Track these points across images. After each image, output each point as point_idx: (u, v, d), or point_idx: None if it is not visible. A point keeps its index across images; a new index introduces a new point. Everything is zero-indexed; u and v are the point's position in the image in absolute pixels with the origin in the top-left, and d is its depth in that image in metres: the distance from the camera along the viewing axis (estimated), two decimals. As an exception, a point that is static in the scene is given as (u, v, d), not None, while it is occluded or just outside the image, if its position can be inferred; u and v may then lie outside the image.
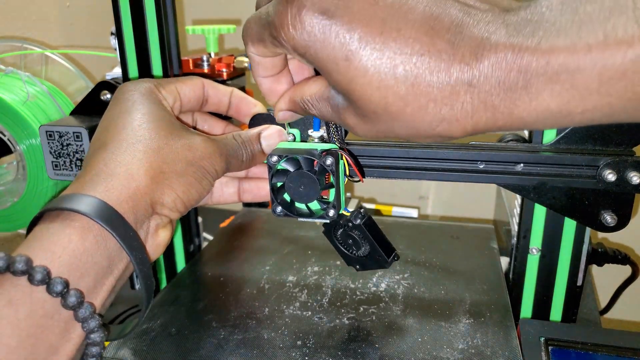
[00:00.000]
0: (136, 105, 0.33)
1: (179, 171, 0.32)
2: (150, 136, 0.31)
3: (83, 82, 0.56)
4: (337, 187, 0.34)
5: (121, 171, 0.30)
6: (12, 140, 0.49)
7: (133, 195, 0.29)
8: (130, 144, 0.31)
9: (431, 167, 0.40)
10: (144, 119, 0.32)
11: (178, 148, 0.32)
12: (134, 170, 0.30)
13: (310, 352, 0.36)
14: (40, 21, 0.60)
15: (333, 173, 0.34)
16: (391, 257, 0.38)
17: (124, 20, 0.45)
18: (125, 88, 0.34)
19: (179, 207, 0.32)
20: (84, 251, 0.27)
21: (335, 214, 0.35)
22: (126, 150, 0.31)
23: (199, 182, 0.33)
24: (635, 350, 0.37)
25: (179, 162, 0.32)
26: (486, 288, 0.44)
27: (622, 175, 0.37)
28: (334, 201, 0.35)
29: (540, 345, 0.38)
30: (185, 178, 0.32)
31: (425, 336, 0.38)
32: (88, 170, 0.30)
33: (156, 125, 0.32)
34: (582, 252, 0.41)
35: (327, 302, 0.43)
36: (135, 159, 0.30)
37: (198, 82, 0.38)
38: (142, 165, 0.30)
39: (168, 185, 0.31)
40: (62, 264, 0.26)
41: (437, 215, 0.81)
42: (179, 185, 0.32)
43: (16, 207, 0.51)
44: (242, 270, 0.48)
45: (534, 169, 0.38)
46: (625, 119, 0.22)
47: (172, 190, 0.31)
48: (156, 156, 0.31)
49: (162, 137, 0.32)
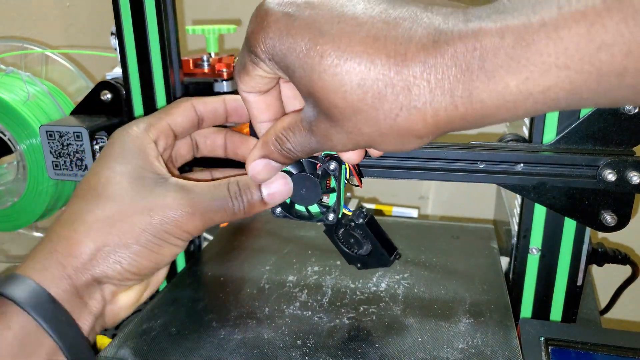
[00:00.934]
0: (109, 161, 0.32)
1: (127, 242, 0.30)
2: (107, 202, 0.31)
3: (83, 82, 0.57)
4: (338, 191, 0.35)
5: (62, 248, 0.30)
6: (13, 140, 0.49)
7: (71, 274, 0.30)
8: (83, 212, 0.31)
9: (431, 167, 0.40)
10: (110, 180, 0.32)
11: (134, 213, 0.31)
12: (75, 246, 0.30)
13: (310, 351, 0.36)
14: (40, 21, 0.60)
15: (336, 178, 0.34)
16: (393, 256, 0.38)
17: (124, 20, 0.45)
18: (114, 136, 0.34)
19: (127, 277, 0.31)
20: (11, 336, 0.28)
21: (335, 218, 0.35)
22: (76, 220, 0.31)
23: (156, 250, 0.31)
24: (636, 350, 0.37)
25: (129, 232, 0.30)
26: (486, 288, 0.44)
27: (622, 175, 0.37)
28: (334, 205, 0.35)
29: (540, 345, 0.38)
30: (134, 248, 0.31)
31: (426, 336, 0.38)
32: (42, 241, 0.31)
33: (120, 188, 0.31)
34: (582, 252, 0.41)
35: (327, 301, 0.43)
36: (80, 233, 0.30)
37: (187, 106, 0.36)
38: (84, 241, 0.30)
39: (112, 259, 0.30)
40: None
41: (437, 215, 0.81)
42: (125, 258, 0.31)
43: (16, 206, 0.51)
44: (242, 270, 0.48)
45: (534, 169, 0.38)
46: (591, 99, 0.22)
47: (117, 264, 0.30)
48: (102, 229, 0.30)
49: (119, 202, 0.31)
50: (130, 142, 0.33)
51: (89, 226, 0.31)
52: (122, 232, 0.30)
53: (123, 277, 0.31)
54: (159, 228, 0.31)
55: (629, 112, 0.37)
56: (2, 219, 0.52)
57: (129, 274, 0.31)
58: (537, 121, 0.39)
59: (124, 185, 0.31)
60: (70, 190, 0.53)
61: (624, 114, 0.37)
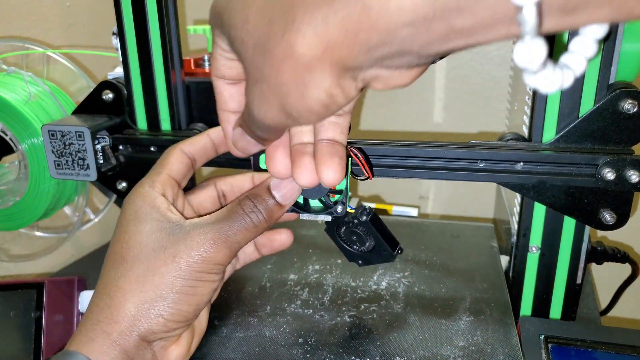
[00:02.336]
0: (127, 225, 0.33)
1: (162, 294, 0.31)
2: (134, 264, 0.32)
3: (85, 82, 0.57)
4: (346, 183, 0.35)
5: (104, 317, 0.31)
6: (14, 139, 0.49)
7: (118, 340, 0.30)
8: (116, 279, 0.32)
9: (431, 166, 0.40)
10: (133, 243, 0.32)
11: (161, 265, 0.31)
12: (115, 312, 0.31)
13: (311, 349, 0.37)
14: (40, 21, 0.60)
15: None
16: (396, 250, 0.38)
17: (126, 20, 0.46)
18: (125, 202, 0.35)
19: (173, 326, 0.32)
20: None
21: (344, 210, 0.35)
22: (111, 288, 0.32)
23: (192, 292, 0.32)
24: (635, 347, 0.37)
25: (161, 283, 0.31)
26: (486, 286, 0.45)
27: (621, 173, 0.37)
28: (342, 197, 0.35)
29: (540, 342, 0.38)
30: (171, 297, 0.31)
31: (426, 334, 0.38)
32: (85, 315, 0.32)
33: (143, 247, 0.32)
34: (581, 251, 0.41)
35: (328, 300, 0.43)
36: (117, 298, 0.31)
37: (177, 152, 0.36)
38: (123, 304, 0.31)
39: (153, 313, 0.31)
40: None
41: (437, 214, 0.81)
42: (165, 309, 0.31)
43: (18, 206, 0.51)
44: (243, 269, 0.48)
45: (534, 168, 0.39)
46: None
47: (159, 317, 0.31)
48: (137, 288, 0.31)
49: (146, 260, 0.32)
50: (141, 203, 0.34)
51: (124, 290, 0.31)
52: (155, 286, 0.31)
53: (169, 328, 0.32)
54: (188, 270, 0.31)
55: (628, 111, 0.37)
56: (3, 218, 0.53)
57: (174, 323, 0.32)
58: (537, 120, 0.40)
59: (146, 243, 0.32)
60: (71, 189, 0.53)
61: (623, 113, 0.37)
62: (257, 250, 0.41)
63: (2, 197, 0.52)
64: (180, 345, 0.33)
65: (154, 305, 0.31)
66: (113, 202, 0.58)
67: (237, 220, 0.33)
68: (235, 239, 0.32)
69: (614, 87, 0.37)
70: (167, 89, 0.47)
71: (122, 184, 0.49)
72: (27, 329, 0.43)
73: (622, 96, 0.37)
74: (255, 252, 0.41)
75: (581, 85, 0.38)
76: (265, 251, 0.40)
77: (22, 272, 0.60)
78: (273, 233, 0.40)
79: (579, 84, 0.38)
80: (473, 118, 0.75)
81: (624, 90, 0.37)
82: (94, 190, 0.61)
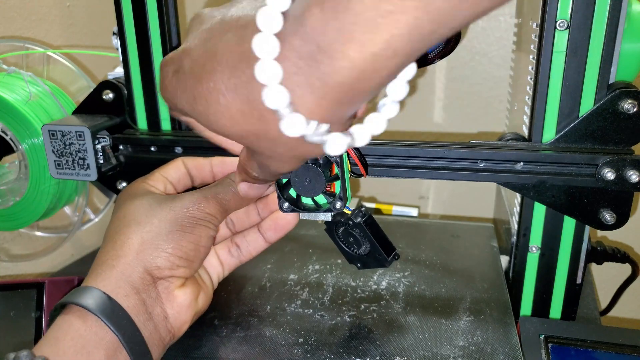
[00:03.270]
0: (125, 204, 0.37)
1: (163, 232, 0.34)
2: (136, 219, 0.35)
3: (85, 82, 0.57)
4: (342, 178, 0.35)
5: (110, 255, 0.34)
6: (15, 139, 0.49)
7: (124, 271, 0.33)
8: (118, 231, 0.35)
9: (431, 166, 0.40)
10: (132, 210, 0.36)
11: (161, 214, 0.35)
12: (120, 248, 0.34)
13: (311, 349, 0.37)
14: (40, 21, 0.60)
15: (338, 164, 0.34)
16: (391, 256, 0.38)
17: (126, 19, 0.46)
18: (119, 196, 0.39)
19: (177, 262, 0.34)
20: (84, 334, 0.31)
21: (343, 206, 0.35)
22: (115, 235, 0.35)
23: (189, 230, 0.35)
24: (635, 347, 0.37)
25: (161, 225, 0.34)
26: (486, 286, 0.45)
27: (620, 173, 0.37)
28: (340, 193, 0.35)
29: (540, 342, 0.38)
30: (171, 234, 0.34)
31: (426, 333, 0.38)
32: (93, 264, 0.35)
33: (142, 210, 0.36)
34: (581, 250, 0.41)
35: (328, 300, 0.43)
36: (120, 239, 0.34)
37: (178, 162, 0.40)
38: (127, 244, 0.34)
39: (154, 248, 0.34)
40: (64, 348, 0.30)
41: (437, 214, 0.81)
42: (167, 243, 0.34)
43: (18, 206, 0.51)
44: (243, 269, 0.48)
45: (534, 168, 0.39)
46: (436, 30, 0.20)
47: (161, 251, 0.34)
48: (139, 232, 0.34)
49: (145, 215, 0.35)
50: (133, 190, 0.38)
51: (126, 233, 0.35)
52: (155, 226, 0.34)
53: (172, 264, 0.34)
54: (184, 214, 0.35)
55: (628, 111, 0.37)
56: (3, 218, 0.53)
57: (176, 259, 0.34)
58: (537, 120, 0.40)
59: (142, 204, 0.36)
60: (71, 189, 0.53)
61: (623, 113, 0.37)
62: (261, 237, 0.40)
63: (2, 197, 0.52)
64: (184, 291, 0.35)
65: (155, 240, 0.34)
66: (113, 202, 0.58)
67: (225, 186, 0.36)
68: (225, 197, 0.36)
69: (614, 87, 0.37)
70: (167, 89, 0.47)
71: (122, 184, 0.49)
72: (27, 329, 0.43)
73: (622, 96, 0.37)
74: (260, 238, 0.40)
75: (581, 85, 0.38)
76: (271, 235, 0.40)
77: (22, 272, 0.60)
78: (277, 213, 0.40)
79: (579, 83, 0.38)
80: (473, 118, 0.75)
81: (624, 90, 0.37)
82: (94, 190, 0.61)
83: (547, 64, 0.38)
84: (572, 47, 0.37)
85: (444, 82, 0.74)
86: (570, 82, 0.38)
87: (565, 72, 0.38)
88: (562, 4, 0.37)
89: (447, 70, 0.74)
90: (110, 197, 0.57)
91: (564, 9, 0.37)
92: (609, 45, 0.37)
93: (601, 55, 0.37)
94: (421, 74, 0.75)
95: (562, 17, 0.37)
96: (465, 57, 0.73)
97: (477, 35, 0.72)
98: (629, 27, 0.37)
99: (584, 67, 0.38)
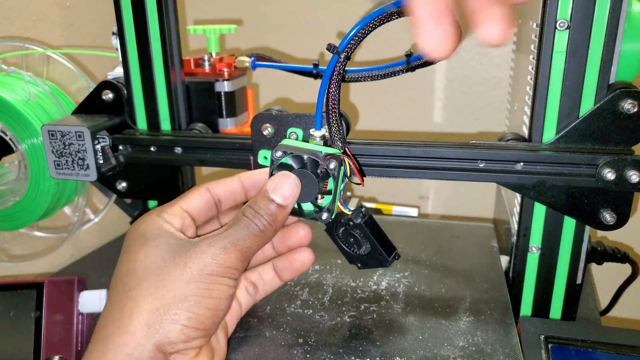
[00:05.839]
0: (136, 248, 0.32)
1: (178, 298, 0.30)
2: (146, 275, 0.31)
3: (84, 82, 0.57)
4: (334, 192, 0.35)
5: (115, 330, 0.30)
6: (14, 139, 0.49)
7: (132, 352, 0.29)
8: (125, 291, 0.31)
9: (431, 166, 0.40)
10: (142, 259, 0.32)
11: (175, 273, 0.30)
12: (128, 322, 0.29)
13: (311, 349, 0.37)
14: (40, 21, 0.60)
15: (334, 178, 0.34)
16: (392, 256, 0.38)
17: (126, 20, 0.46)
18: (129, 232, 0.34)
19: (192, 335, 0.30)
20: None
21: (329, 218, 0.35)
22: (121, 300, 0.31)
23: (207, 295, 0.30)
24: (635, 347, 0.37)
25: (176, 289, 0.30)
26: (486, 286, 0.45)
27: (621, 173, 0.37)
28: (328, 205, 0.35)
29: (540, 342, 0.38)
30: (186, 302, 0.30)
31: (426, 334, 0.38)
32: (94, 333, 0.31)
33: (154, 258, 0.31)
34: (581, 251, 0.41)
35: (328, 300, 0.43)
36: (129, 309, 0.30)
37: (201, 189, 0.36)
38: (136, 315, 0.30)
39: (168, 319, 0.30)
40: None
41: (437, 215, 0.81)
42: (182, 312, 0.30)
43: (18, 206, 0.51)
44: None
45: (534, 168, 0.39)
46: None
47: (174, 323, 0.30)
48: (149, 297, 0.30)
49: (156, 270, 0.31)
50: (146, 226, 0.33)
51: (135, 299, 0.30)
52: (168, 290, 0.30)
53: (187, 337, 0.30)
54: (202, 273, 0.30)
55: (628, 111, 0.37)
56: (3, 218, 0.53)
57: (192, 330, 0.30)
58: (537, 120, 0.40)
59: (155, 255, 0.31)
60: (71, 189, 0.53)
61: (623, 113, 0.37)
62: (277, 276, 0.39)
63: (2, 197, 0.52)
64: (202, 356, 0.31)
65: (168, 310, 0.29)
66: (113, 202, 0.58)
67: (243, 228, 0.32)
68: (245, 244, 0.32)
69: (614, 87, 0.37)
70: (167, 89, 0.47)
71: (122, 184, 0.49)
72: (27, 329, 0.43)
73: (622, 96, 0.37)
74: (276, 278, 0.39)
75: (581, 85, 0.38)
76: (287, 275, 0.39)
77: (22, 272, 0.60)
78: (292, 253, 0.38)
79: (579, 84, 0.38)
80: (473, 118, 0.75)
81: (624, 90, 0.37)
82: (94, 190, 0.61)
83: (547, 64, 0.38)
84: (572, 47, 0.37)
85: (444, 82, 0.74)
86: (570, 82, 0.38)
87: (566, 72, 0.38)
88: (562, 4, 0.37)
89: (447, 70, 0.74)
90: (110, 197, 0.57)
91: (564, 9, 0.37)
92: (609, 45, 0.37)
93: (601, 55, 0.37)
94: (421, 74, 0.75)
95: (562, 17, 0.37)
96: (465, 57, 0.73)
97: (477, 35, 0.71)
98: (629, 27, 0.37)
99: (584, 67, 0.38)
